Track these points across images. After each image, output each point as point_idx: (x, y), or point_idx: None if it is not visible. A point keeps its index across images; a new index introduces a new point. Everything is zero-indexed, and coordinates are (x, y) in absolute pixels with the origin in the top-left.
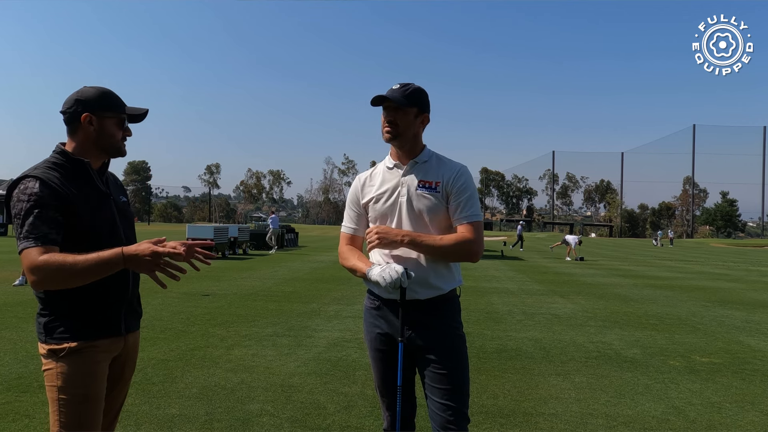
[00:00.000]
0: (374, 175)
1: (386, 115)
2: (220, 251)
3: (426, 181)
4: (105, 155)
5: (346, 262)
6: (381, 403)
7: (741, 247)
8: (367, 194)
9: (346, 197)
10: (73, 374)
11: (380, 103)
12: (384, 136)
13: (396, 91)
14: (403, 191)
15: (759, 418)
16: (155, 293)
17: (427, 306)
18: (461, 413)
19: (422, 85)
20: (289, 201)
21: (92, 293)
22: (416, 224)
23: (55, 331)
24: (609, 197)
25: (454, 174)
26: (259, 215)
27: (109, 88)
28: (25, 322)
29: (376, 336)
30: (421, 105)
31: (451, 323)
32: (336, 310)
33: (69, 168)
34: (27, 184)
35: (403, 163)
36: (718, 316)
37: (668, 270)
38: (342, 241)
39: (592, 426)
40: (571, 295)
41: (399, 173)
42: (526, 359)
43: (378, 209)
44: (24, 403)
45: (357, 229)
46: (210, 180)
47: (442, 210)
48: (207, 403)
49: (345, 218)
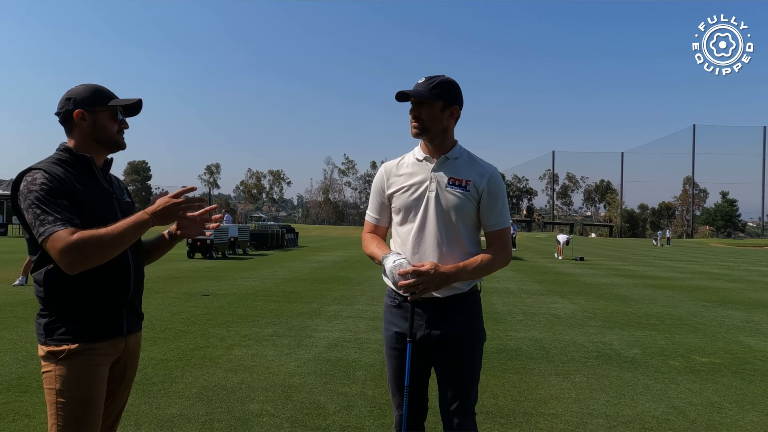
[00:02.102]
0: (401, 165)
1: (412, 110)
2: (220, 251)
3: (456, 178)
4: (105, 150)
5: (366, 249)
6: (392, 402)
7: (741, 247)
8: (393, 185)
9: (345, 197)
10: (71, 377)
11: (404, 99)
12: (411, 132)
13: (420, 85)
14: (432, 186)
15: (759, 418)
16: (155, 293)
17: (446, 304)
18: (468, 410)
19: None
20: (289, 201)
21: (93, 294)
22: (443, 220)
23: (54, 332)
24: (609, 197)
25: (487, 176)
26: (260, 215)
27: (98, 84)
28: (25, 322)
29: (393, 334)
30: (448, 97)
31: (469, 321)
32: (336, 310)
33: (73, 164)
34: (35, 176)
35: (434, 157)
36: (718, 316)
37: (668, 270)
38: (365, 228)
39: (592, 426)
40: (571, 295)
41: (429, 167)
42: (526, 359)
43: (403, 201)
44: (24, 403)
45: (380, 220)
46: (210, 180)
47: (470, 209)
48: (207, 403)
49: (370, 206)
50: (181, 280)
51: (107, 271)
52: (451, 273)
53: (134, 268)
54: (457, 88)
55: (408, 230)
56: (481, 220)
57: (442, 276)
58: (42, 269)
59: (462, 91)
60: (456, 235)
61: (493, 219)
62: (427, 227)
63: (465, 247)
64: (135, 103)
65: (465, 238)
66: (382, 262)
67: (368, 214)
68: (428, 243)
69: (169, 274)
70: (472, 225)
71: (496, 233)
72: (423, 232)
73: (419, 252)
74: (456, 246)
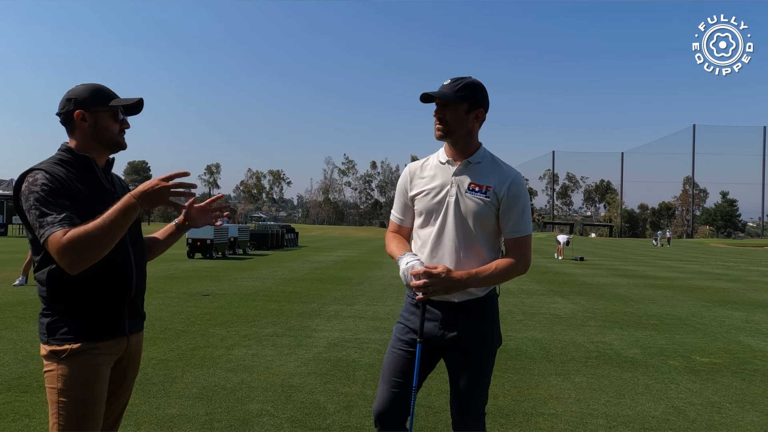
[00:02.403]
0: (425, 167)
1: (436, 112)
2: (220, 251)
3: (477, 184)
4: (106, 150)
5: (387, 247)
6: (377, 395)
7: (741, 247)
8: (416, 186)
9: (345, 197)
10: (74, 377)
11: (428, 101)
12: (435, 134)
13: (446, 87)
14: (453, 191)
15: (759, 418)
16: (155, 293)
17: (461, 307)
18: (477, 411)
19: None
20: (289, 201)
21: (96, 293)
22: (461, 226)
23: (57, 331)
24: (609, 197)
25: (509, 182)
26: (260, 215)
27: (99, 84)
28: (25, 322)
29: (402, 327)
30: (474, 100)
31: (483, 324)
32: (336, 310)
33: (74, 164)
34: (36, 176)
35: (456, 160)
36: (718, 316)
37: (668, 270)
38: (389, 227)
39: (592, 426)
40: (571, 295)
41: (451, 170)
42: (526, 359)
43: (425, 204)
44: (24, 403)
45: (404, 220)
46: (210, 180)
47: (490, 215)
48: (207, 403)
49: (394, 205)
50: (181, 280)
51: (109, 271)
52: (462, 279)
53: (136, 267)
54: (483, 90)
55: (428, 233)
56: (500, 226)
57: (453, 281)
58: (45, 269)
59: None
60: (474, 241)
61: (512, 226)
62: (446, 232)
63: (483, 252)
64: (136, 102)
65: (483, 243)
66: (398, 262)
67: (392, 214)
68: (446, 247)
69: (169, 274)
70: (491, 231)
71: (515, 240)
72: (442, 237)
73: (437, 256)
74: (473, 251)
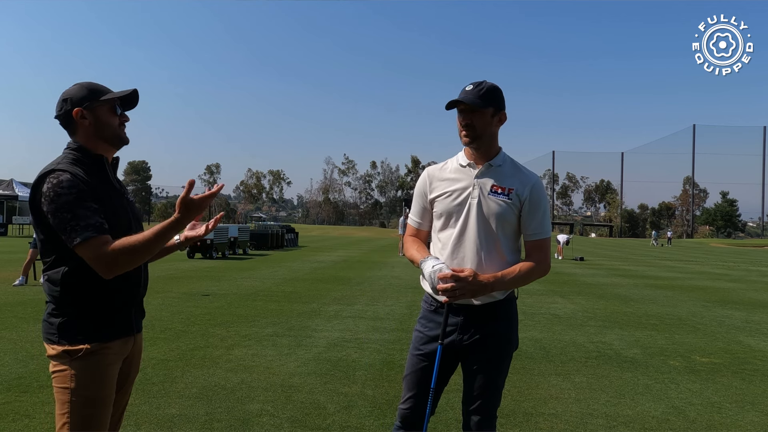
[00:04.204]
0: (445, 169)
1: (462, 118)
2: (220, 251)
3: (500, 186)
4: (110, 146)
5: (406, 252)
6: (402, 396)
7: (741, 247)
8: (437, 189)
9: (345, 197)
10: (86, 376)
11: (454, 107)
12: (462, 140)
13: (470, 93)
14: (475, 193)
15: (759, 418)
16: (155, 293)
17: (481, 310)
18: (488, 412)
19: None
20: (289, 201)
21: (106, 294)
22: (483, 227)
23: (69, 332)
24: (609, 197)
25: (530, 185)
26: (260, 215)
27: (91, 81)
28: (25, 322)
29: (421, 336)
30: (497, 103)
31: (502, 326)
32: (336, 310)
33: (88, 164)
34: (61, 177)
35: (478, 163)
36: (718, 316)
37: (668, 270)
38: (407, 231)
39: (592, 426)
40: (571, 295)
41: (472, 173)
42: (526, 359)
43: (445, 206)
44: (24, 403)
45: (421, 224)
46: (210, 180)
47: (512, 217)
48: (207, 403)
49: (412, 209)
50: (181, 280)
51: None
52: (488, 282)
53: (144, 268)
54: (502, 93)
55: (448, 235)
56: (521, 229)
57: (480, 284)
58: (58, 269)
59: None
60: (495, 243)
61: (533, 228)
62: (467, 233)
63: (504, 254)
64: (131, 93)
65: (504, 245)
66: (420, 266)
67: (410, 218)
68: (467, 249)
69: (169, 274)
70: (512, 233)
71: (536, 243)
72: (463, 238)
73: (458, 258)
74: (495, 253)
